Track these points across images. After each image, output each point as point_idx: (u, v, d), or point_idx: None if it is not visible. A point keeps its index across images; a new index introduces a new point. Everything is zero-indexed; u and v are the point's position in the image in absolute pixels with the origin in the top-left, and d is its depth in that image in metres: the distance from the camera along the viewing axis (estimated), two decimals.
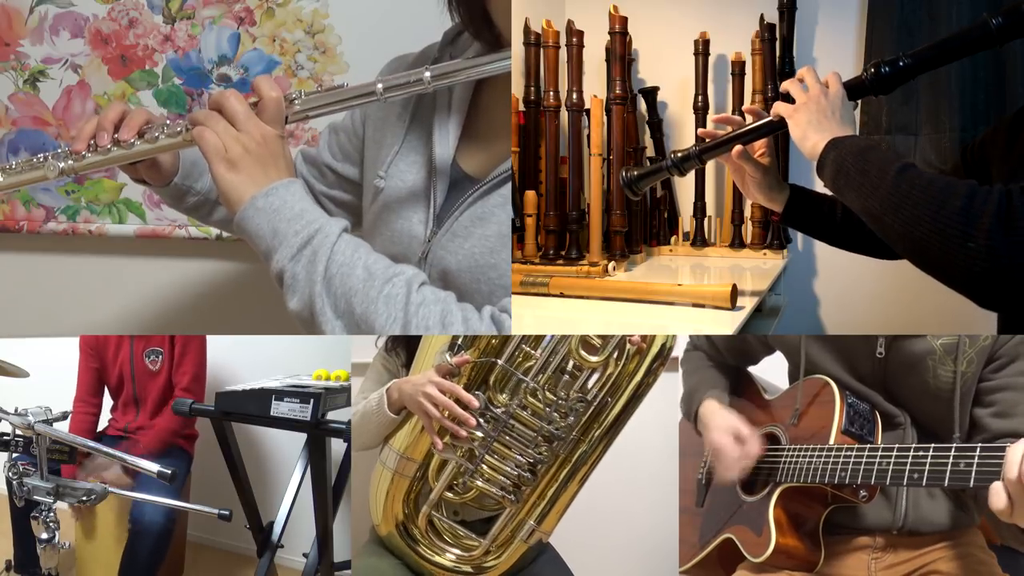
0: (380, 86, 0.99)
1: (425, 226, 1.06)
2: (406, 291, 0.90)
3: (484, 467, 1.12)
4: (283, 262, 0.91)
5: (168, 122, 1.01)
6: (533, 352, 1.11)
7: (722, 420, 1.24)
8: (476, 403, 1.09)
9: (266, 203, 0.92)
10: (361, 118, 1.20)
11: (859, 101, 1.13)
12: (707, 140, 1.21)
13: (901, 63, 1.06)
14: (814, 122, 1.04)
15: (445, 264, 1.02)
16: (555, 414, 1.10)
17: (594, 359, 1.10)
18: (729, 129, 1.19)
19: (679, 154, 1.22)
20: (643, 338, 1.11)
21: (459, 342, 1.10)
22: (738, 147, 1.17)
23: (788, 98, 1.10)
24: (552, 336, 1.11)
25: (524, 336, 1.11)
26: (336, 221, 0.94)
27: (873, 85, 1.08)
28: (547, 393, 1.10)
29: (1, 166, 1.03)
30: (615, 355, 1.10)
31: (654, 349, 1.11)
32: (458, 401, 1.08)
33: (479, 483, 1.12)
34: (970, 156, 1.14)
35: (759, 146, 1.20)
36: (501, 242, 1.00)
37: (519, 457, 1.11)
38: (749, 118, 1.19)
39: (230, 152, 0.93)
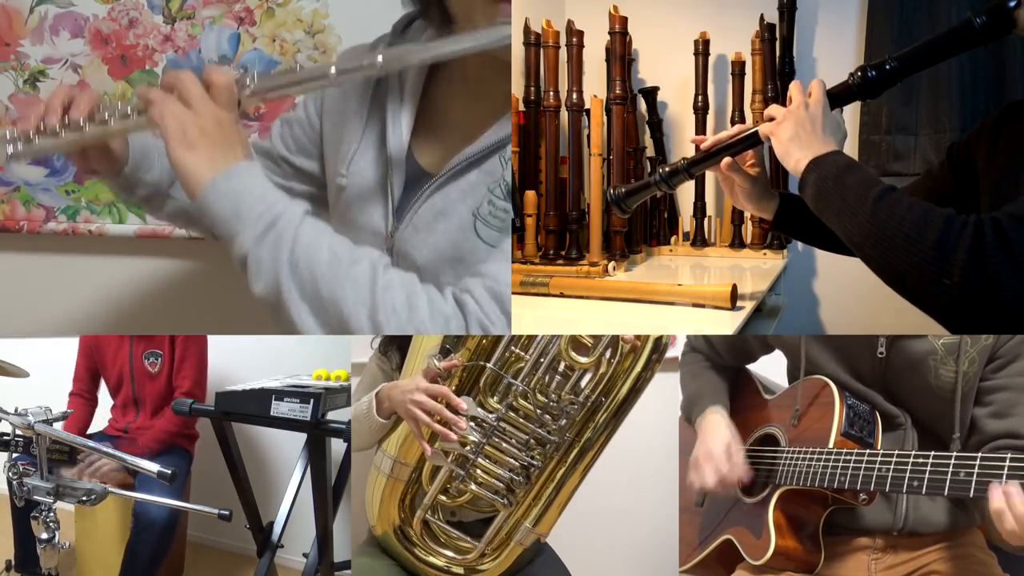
0: (333, 69, 0.96)
1: (385, 221, 1.06)
2: (371, 274, 0.88)
3: (477, 471, 1.11)
4: (247, 245, 0.88)
5: (119, 104, 0.96)
6: (523, 355, 1.10)
7: (722, 436, 1.25)
8: (465, 406, 1.08)
9: (227, 186, 0.89)
10: (317, 111, 1.18)
11: (860, 103, 1.12)
12: (697, 150, 1.21)
13: (888, 66, 1.04)
14: (795, 137, 1.02)
15: (411, 259, 1.02)
16: (547, 416, 1.09)
17: (584, 360, 1.08)
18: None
19: (667, 169, 1.21)
20: (637, 337, 1.10)
21: (448, 345, 1.09)
22: (727, 159, 1.17)
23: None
24: (541, 337, 1.10)
25: (514, 338, 1.10)
26: (298, 203, 0.92)
27: (860, 90, 1.06)
28: (538, 396, 1.09)
29: None
30: (607, 355, 1.09)
31: (650, 345, 1.10)
32: (448, 405, 1.08)
33: (472, 487, 1.11)
34: (956, 156, 1.13)
35: (749, 157, 1.19)
36: (463, 235, 1.00)
37: (511, 461, 1.10)
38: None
39: (188, 134, 0.89)
